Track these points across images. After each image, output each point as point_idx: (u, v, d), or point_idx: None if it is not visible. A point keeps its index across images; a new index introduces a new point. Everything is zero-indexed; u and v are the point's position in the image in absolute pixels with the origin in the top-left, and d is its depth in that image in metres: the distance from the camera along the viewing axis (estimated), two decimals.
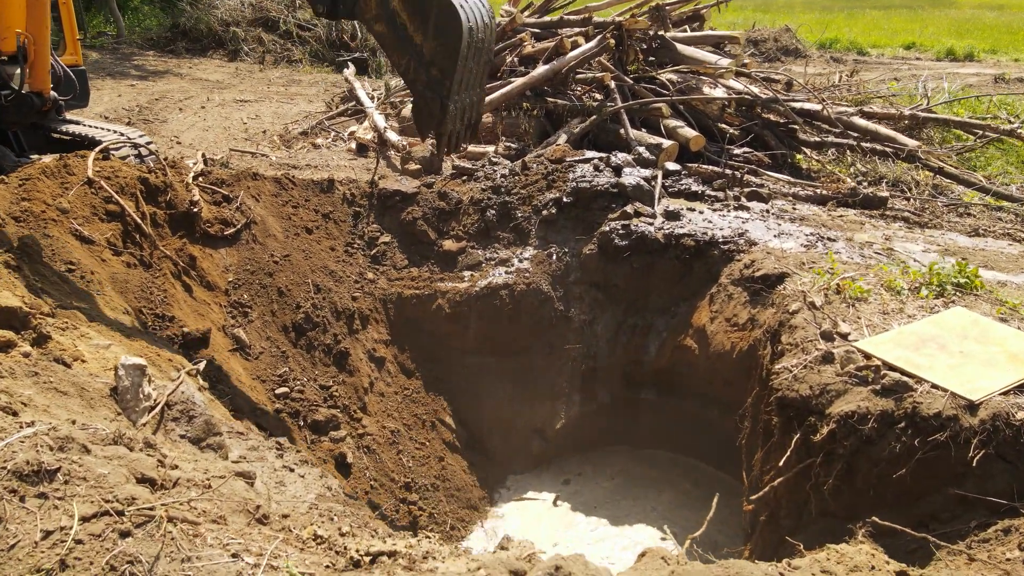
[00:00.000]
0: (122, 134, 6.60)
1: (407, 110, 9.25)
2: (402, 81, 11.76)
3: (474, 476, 6.17)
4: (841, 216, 6.92)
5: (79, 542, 2.06)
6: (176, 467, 2.60)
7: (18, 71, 6.07)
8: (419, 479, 5.89)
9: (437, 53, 4.54)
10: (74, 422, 2.53)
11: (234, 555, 2.29)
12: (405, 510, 5.68)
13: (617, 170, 6.77)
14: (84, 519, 2.11)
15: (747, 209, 6.74)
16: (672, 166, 7.38)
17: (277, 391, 5.59)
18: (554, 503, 6.05)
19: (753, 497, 4.33)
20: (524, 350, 6.42)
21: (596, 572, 1.71)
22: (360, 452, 5.74)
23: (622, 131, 8.22)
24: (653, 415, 6.33)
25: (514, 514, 5.97)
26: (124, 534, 2.12)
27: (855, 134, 8.80)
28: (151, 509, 2.24)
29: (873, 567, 2.47)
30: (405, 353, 6.44)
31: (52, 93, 6.34)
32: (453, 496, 5.96)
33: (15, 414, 2.47)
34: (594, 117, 8.39)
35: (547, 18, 11.16)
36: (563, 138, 8.14)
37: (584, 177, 6.61)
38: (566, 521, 5.87)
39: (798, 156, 9.03)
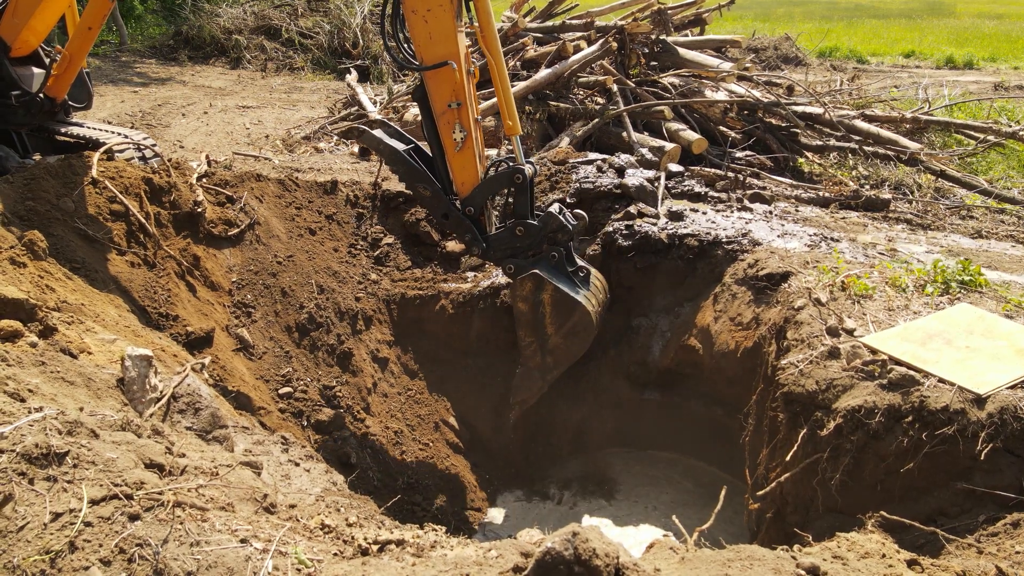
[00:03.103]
0: (126, 136, 6.61)
1: (409, 114, 9.28)
2: (404, 86, 11.82)
3: (477, 477, 6.15)
4: (844, 218, 6.93)
5: (88, 524, 2.05)
6: (184, 455, 2.59)
7: (29, 73, 6.10)
8: (422, 480, 5.87)
9: (560, 349, 5.42)
10: (82, 409, 2.53)
11: (242, 541, 2.28)
12: (408, 511, 5.66)
13: (620, 171, 6.78)
14: (93, 502, 2.10)
15: (750, 210, 6.75)
16: (675, 168, 7.39)
17: (280, 391, 5.58)
18: (558, 504, 6.02)
19: (759, 493, 4.31)
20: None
21: (610, 542, 1.70)
22: (363, 452, 5.73)
23: (624, 134, 8.24)
24: (657, 416, 6.31)
25: (517, 515, 5.95)
26: (133, 517, 2.11)
27: (857, 137, 8.83)
28: (160, 494, 2.24)
29: (884, 555, 2.46)
30: (408, 354, 6.43)
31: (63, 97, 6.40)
32: (456, 497, 5.93)
33: (23, 400, 2.46)
34: (596, 120, 8.42)
35: (549, 23, 11.23)
36: (565, 141, 8.16)
37: (587, 178, 6.62)
38: (569, 522, 5.83)
39: (800, 159, 9.05)
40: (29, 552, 1.94)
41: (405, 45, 4.85)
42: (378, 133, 5.33)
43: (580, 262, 5.40)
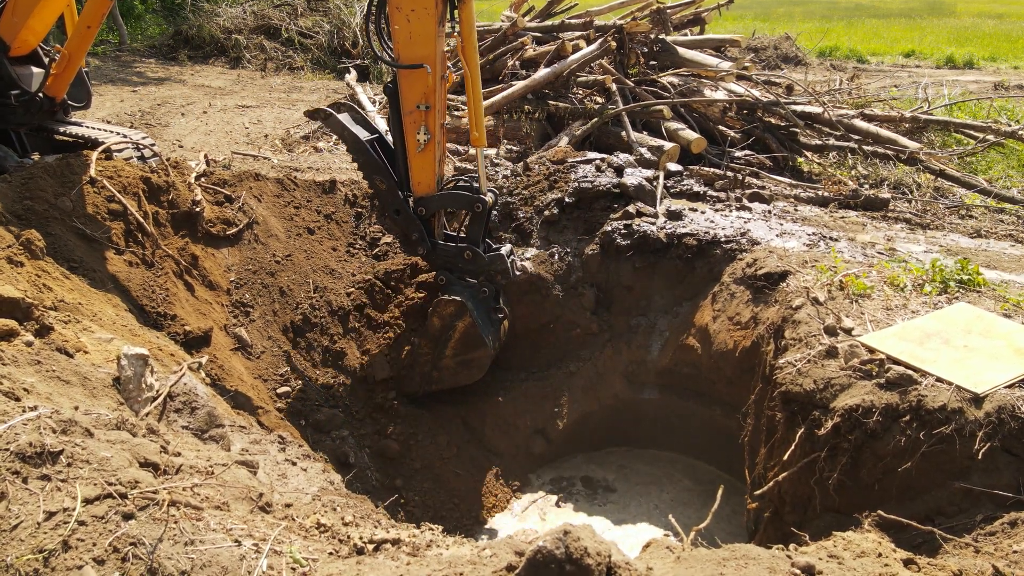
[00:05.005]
0: (125, 135, 6.61)
1: None
2: None
3: (476, 476, 6.14)
4: (843, 217, 6.92)
5: (82, 523, 2.04)
6: (179, 454, 2.59)
7: (28, 72, 6.10)
8: (421, 479, 5.86)
9: (448, 370, 5.67)
10: (77, 408, 2.52)
11: (237, 540, 2.27)
12: (407, 510, 5.66)
13: (619, 171, 6.77)
14: (87, 501, 2.10)
15: (749, 209, 6.74)
16: (674, 167, 7.38)
17: (279, 390, 5.58)
18: (557, 504, 6.02)
19: (757, 492, 4.31)
20: (526, 350, 6.41)
21: (602, 541, 1.70)
22: (362, 452, 5.72)
23: (624, 133, 8.24)
24: (656, 415, 6.31)
25: (516, 515, 5.94)
26: (127, 516, 2.11)
27: (856, 137, 8.82)
28: (154, 493, 2.23)
29: (880, 554, 2.45)
30: None
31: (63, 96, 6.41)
32: (455, 496, 5.93)
33: (17, 399, 2.46)
34: (596, 120, 8.41)
35: (548, 22, 11.22)
36: (564, 140, 8.16)
37: (586, 177, 6.62)
38: (569, 521, 5.83)
39: (799, 159, 9.05)
40: (23, 551, 1.94)
41: (387, 39, 4.89)
42: (344, 118, 5.40)
43: (502, 304, 5.68)
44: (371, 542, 2.57)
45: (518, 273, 5.50)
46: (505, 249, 5.41)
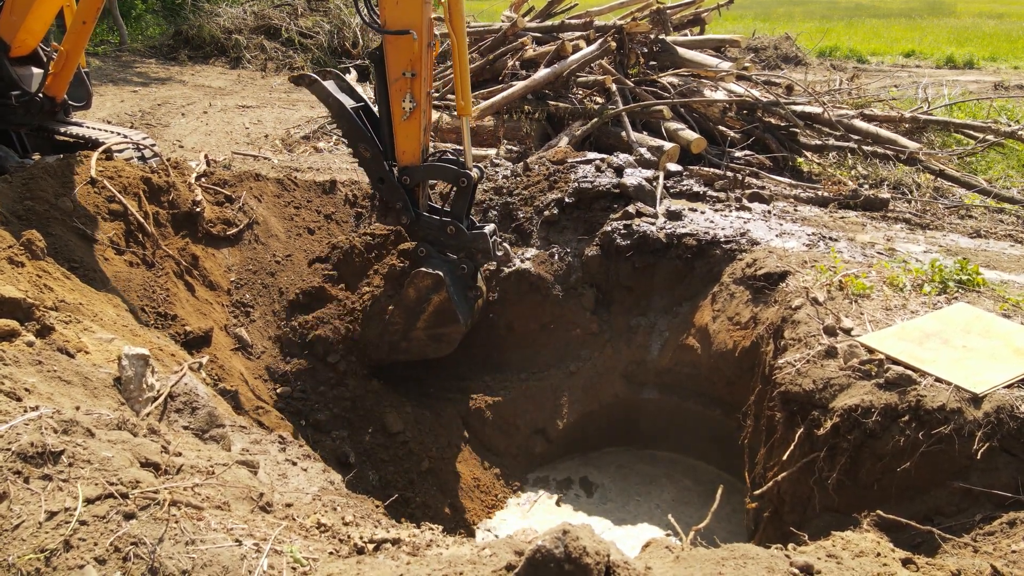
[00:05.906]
0: (125, 136, 6.62)
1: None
2: None
3: (476, 477, 6.15)
4: (842, 218, 6.93)
5: (83, 523, 2.05)
6: (180, 454, 2.59)
7: (28, 73, 6.11)
8: (421, 480, 5.87)
9: (418, 342, 5.62)
10: (78, 408, 2.53)
11: (238, 540, 2.28)
12: (407, 512, 5.66)
13: (619, 171, 6.78)
14: (88, 501, 2.10)
15: (749, 210, 6.75)
16: (673, 167, 7.39)
17: (279, 390, 5.59)
18: (557, 504, 6.03)
19: (756, 492, 4.31)
20: (526, 350, 6.41)
21: (601, 541, 1.71)
22: (362, 452, 5.72)
23: (624, 133, 8.25)
24: (656, 415, 6.32)
25: (516, 515, 5.95)
26: (128, 516, 2.12)
27: (856, 137, 8.83)
28: (155, 493, 2.24)
29: (879, 553, 2.46)
30: None
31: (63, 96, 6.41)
32: (456, 496, 5.94)
33: (19, 400, 2.47)
34: (595, 120, 8.42)
35: (548, 22, 11.23)
36: (564, 140, 8.17)
37: (586, 178, 6.62)
38: (569, 521, 5.84)
39: (799, 159, 9.06)
40: (24, 551, 1.95)
41: (374, 5, 4.89)
42: (329, 85, 5.39)
43: (480, 283, 5.66)
44: (371, 542, 2.57)
45: (499, 254, 5.50)
46: (489, 228, 5.39)
